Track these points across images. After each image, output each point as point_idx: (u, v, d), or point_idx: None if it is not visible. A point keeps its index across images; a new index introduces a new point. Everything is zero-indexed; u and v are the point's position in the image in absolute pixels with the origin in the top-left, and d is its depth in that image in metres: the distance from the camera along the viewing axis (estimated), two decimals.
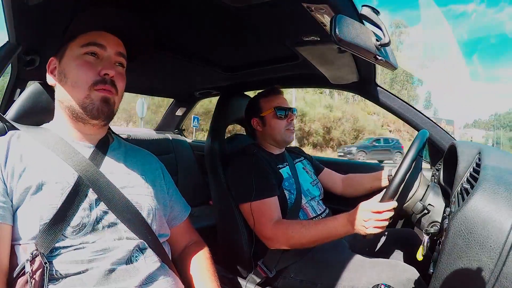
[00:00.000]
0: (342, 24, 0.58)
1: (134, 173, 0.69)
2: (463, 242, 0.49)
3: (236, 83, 1.52)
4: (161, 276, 0.63)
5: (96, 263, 0.56)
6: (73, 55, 0.64)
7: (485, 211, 0.48)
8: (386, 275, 0.85)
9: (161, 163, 0.82)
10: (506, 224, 0.45)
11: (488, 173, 0.55)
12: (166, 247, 0.72)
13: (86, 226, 0.58)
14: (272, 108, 1.16)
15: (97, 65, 0.64)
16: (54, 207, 0.56)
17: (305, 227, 0.93)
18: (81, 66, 0.63)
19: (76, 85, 0.63)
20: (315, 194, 1.18)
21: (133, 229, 0.62)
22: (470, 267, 0.47)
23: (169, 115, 2.26)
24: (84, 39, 0.64)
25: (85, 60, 0.63)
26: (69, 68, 0.64)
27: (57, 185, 0.58)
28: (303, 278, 0.96)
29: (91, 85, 0.63)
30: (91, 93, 0.63)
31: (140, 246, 0.62)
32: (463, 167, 0.69)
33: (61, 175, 0.59)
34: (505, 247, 0.44)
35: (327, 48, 0.86)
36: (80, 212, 0.58)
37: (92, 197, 0.60)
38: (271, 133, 1.17)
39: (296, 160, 1.27)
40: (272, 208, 1.01)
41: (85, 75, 0.62)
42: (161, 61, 1.23)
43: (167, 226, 0.74)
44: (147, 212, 0.66)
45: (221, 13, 0.77)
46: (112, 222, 0.61)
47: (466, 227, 0.49)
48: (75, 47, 0.64)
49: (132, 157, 0.74)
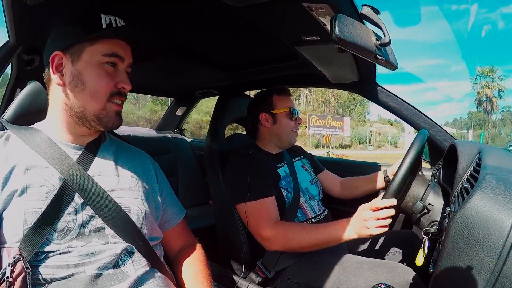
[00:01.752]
0: (342, 24, 0.57)
1: (124, 175, 0.68)
2: (463, 241, 0.49)
3: (236, 82, 1.52)
4: (150, 280, 0.61)
5: (82, 267, 0.55)
6: (94, 62, 0.62)
7: (485, 211, 0.48)
8: (384, 277, 0.85)
9: (156, 163, 0.80)
10: (506, 223, 0.45)
11: (488, 172, 0.55)
12: (159, 250, 0.71)
13: (71, 231, 0.57)
14: (287, 107, 1.16)
15: (115, 76, 0.64)
16: (38, 211, 0.55)
17: (306, 229, 0.92)
18: (103, 77, 0.62)
19: (95, 96, 0.62)
20: (314, 193, 1.17)
21: (121, 233, 0.61)
22: (470, 266, 0.47)
23: (169, 115, 2.26)
24: (108, 47, 0.62)
25: (106, 71, 0.63)
26: (89, 75, 0.61)
27: (42, 188, 0.57)
28: (300, 280, 0.96)
29: (109, 96, 0.63)
30: (107, 104, 0.63)
31: (128, 250, 0.61)
32: (463, 166, 0.69)
33: (46, 178, 0.58)
34: (505, 247, 0.44)
35: (327, 48, 0.86)
36: (65, 217, 0.57)
37: (78, 201, 0.59)
38: (279, 131, 1.16)
39: (295, 158, 1.26)
40: (270, 209, 1.00)
41: (106, 87, 0.62)
42: (162, 61, 1.23)
43: (159, 229, 0.72)
44: (136, 216, 0.64)
45: (221, 13, 0.77)
46: (98, 227, 0.59)
47: (466, 226, 0.49)
48: (96, 53, 0.61)
49: (123, 158, 0.71)
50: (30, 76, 1.21)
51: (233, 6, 0.66)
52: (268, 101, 1.18)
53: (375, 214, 0.78)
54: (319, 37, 0.80)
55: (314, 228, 0.92)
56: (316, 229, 0.91)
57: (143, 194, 0.68)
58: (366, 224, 0.79)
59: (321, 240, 0.89)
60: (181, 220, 0.80)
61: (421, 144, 0.80)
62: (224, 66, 1.33)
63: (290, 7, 0.67)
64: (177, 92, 2.03)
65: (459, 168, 0.69)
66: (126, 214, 0.63)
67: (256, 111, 1.20)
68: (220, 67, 1.32)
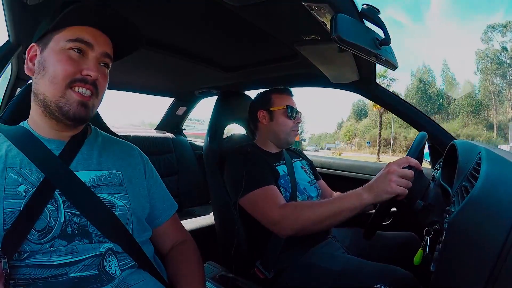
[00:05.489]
0: (342, 23, 0.58)
1: (109, 170, 0.64)
2: (463, 241, 0.49)
3: (236, 82, 1.52)
4: (137, 281, 0.59)
5: (64, 267, 0.53)
6: (57, 48, 0.59)
7: (485, 210, 0.48)
8: (383, 280, 0.84)
9: (146, 156, 0.76)
10: (506, 223, 0.45)
11: (488, 171, 0.55)
12: (148, 247, 0.68)
13: (53, 230, 0.54)
14: (284, 105, 1.16)
15: (80, 63, 0.59)
16: (16, 210, 0.52)
17: (315, 204, 0.88)
18: (63, 61, 0.58)
19: (53, 81, 0.58)
20: (312, 194, 1.17)
21: (105, 232, 0.58)
22: (471, 266, 0.47)
23: (169, 115, 2.26)
24: (72, 33, 0.59)
25: (68, 55, 0.59)
26: (50, 61, 0.59)
27: (20, 187, 0.55)
28: (299, 282, 0.95)
29: (69, 82, 0.58)
30: (67, 92, 0.58)
31: (114, 250, 0.59)
32: (463, 166, 0.69)
33: (25, 176, 0.56)
34: (505, 246, 0.44)
35: (328, 47, 0.86)
36: (45, 215, 0.54)
37: (59, 198, 0.56)
38: (276, 129, 1.17)
39: (295, 159, 1.26)
40: (274, 194, 0.98)
41: (65, 71, 0.58)
42: (161, 60, 1.23)
43: (147, 226, 0.69)
44: (121, 213, 0.62)
45: (221, 13, 0.77)
46: (81, 225, 0.57)
47: (466, 226, 0.49)
48: (61, 39, 0.59)
49: (109, 151, 0.68)
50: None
51: (233, 6, 0.66)
52: (267, 99, 1.19)
53: (403, 171, 0.75)
54: (319, 36, 0.80)
55: (324, 201, 0.88)
56: (327, 201, 0.86)
57: (129, 190, 0.65)
58: (390, 177, 0.75)
59: (333, 211, 0.82)
60: (172, 216, 0.77)
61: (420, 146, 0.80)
62: (224, 66, 1.33)
63: (290, 7, 0.67)
64: (177, 92, 2.03)
65: (459, 167, 0.69)
66: (110, 211, 0.60)
67: (255, 109, 1.21)
68: (220, 67, 1.32)
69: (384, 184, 0.76)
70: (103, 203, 0.60)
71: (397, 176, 0.75)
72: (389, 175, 0.76)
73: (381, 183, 0.77)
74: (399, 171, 0.75)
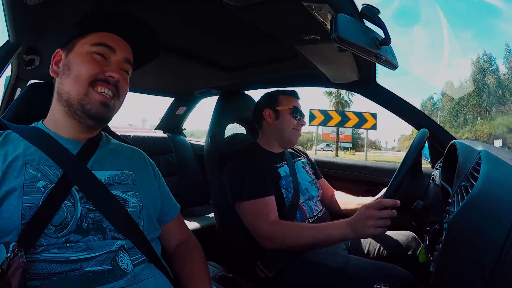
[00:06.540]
0: (342, 23, 0.58)
1: (122, 170, 0.68)
2: (463, 241, 0.49)
3: (236, 82, 1.52)
4: (148, 276, 0.61)
5: (79, 263, 0.55)
6: (82, 51, 0.64)
7: (485, 210, 0.48)
8: (383, 279, 0.84)
9: (152, 161, 0.81)
10: (506, 222, 0.45)
11: (488, 171, 0.55)
12: (156, 245, 0.70)
13: (69, 225, 0.56)
14: (291, 106, 1.18)
15: (103, 65, 0.64)
16: (35, 205, 0.54)
17: (304, 228, 0.92)
18: (87, 62, 0.63)
19: (77, 79, 0.62)
20: (313, 194, 1.18)
21: (119, 228, 0.61)
22: (471, 266, 0.47)
23: (169, 115, 2.26)
24: (96, 38, 0.64)
25: (92, 57, 0.63)
26: (75, 62, 0.63)
27: (39, 182, 0.57)
28: (300, 281, 0.95)
29: (92, 81, 0.62)
30: (89, 91, 0.62)
31: (126, 246, 0.61)
32: (463, 165, 0.69)
33: (44, 172, 0.58)
34: (505, 246, 0.44)
35: (328, 47, 0.86)
36: (62, 211, 0.56)
37: (76, 195, 0.59)
38: (280, 128, 1.17)
39: (297, 158, 1.26)
40: (269, 208, 1.00)
41: (89, 71, 0.62)
42: (161, 60, 1.22)
43: (157, 224, 0.72)
44: (134, 210, 0.64)
45: (221, 13, 0.77)
46: (96, 220, 0.59)
47: (466, 226, 0.49)
48: (86, 44, 0.64)
49: (121, 154, 0.73)
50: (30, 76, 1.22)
51: (233, 6, 0.66)
52: (274, 99, 1.21)
53: (379, 213, 0.77)
54: (319, 36, 0.80)
55: (312, 227, 0.92)
56: (314, 228, 0.91)
57: (141, 189, 0.69)
58: (368, 222, 0.79)
59: (318, 240, 0.89)
60: (178, 215, 0.81)
61: (421, 143, 0.80)
62: (224, 66, 1.33)
63: (290, 7, 0.67)
64: (177, 92, 2.03)
65: (459, 167, 0.69)
66: (124, 208, 0.63)
67: (261, 107, 1.22)
68: (220, 67, 1.32)
69: (364, 228, 0.80)
70: (117, 200, 0.63)
71: (375, 219, 0.78)
72: (367, 221, 0.80)
73: (361, 226, 0.81)
74: (376, 215, 0.78)
